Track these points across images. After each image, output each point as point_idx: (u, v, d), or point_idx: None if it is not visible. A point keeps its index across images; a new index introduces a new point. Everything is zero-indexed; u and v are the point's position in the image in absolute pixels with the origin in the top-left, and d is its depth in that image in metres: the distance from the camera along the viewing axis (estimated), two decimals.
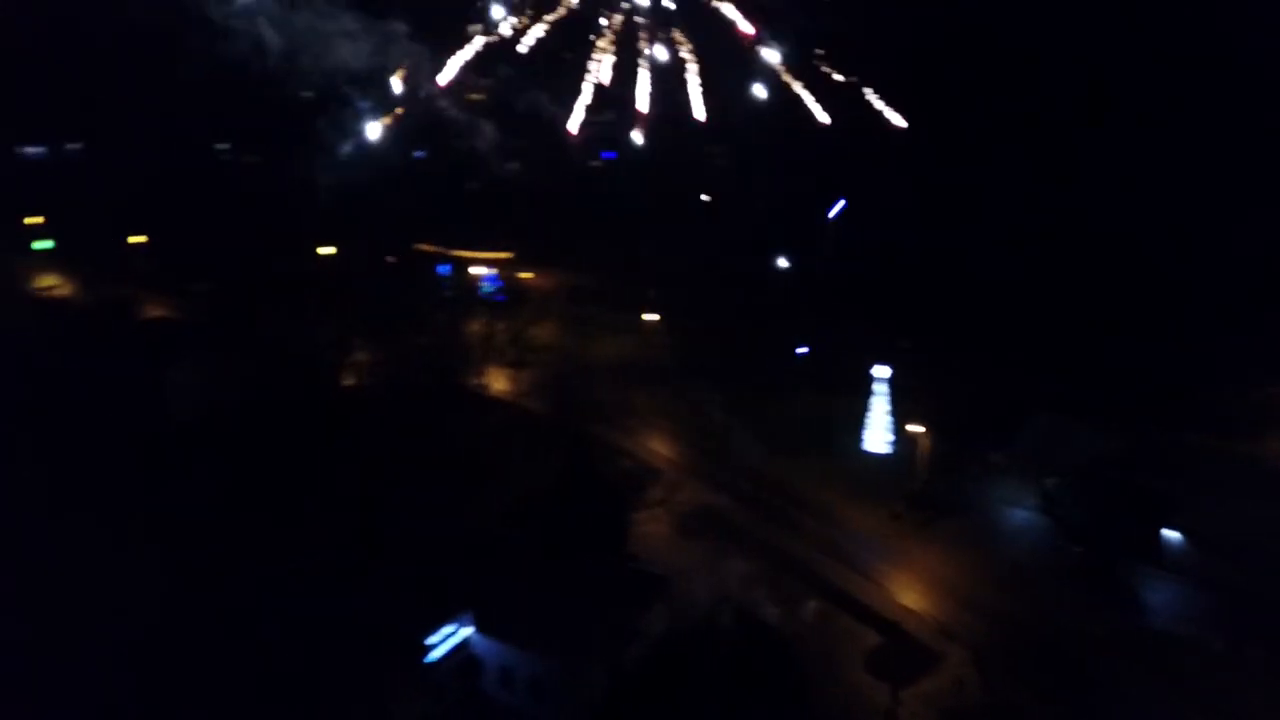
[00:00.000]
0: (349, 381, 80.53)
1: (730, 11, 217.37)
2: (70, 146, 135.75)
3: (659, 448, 75.39)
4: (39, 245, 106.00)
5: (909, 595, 58.13)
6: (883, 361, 72.69)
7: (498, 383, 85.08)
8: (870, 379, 72.76)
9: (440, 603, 49.37)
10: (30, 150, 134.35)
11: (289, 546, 53.77)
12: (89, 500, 56.92)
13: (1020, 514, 66.98)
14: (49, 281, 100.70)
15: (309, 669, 45.57)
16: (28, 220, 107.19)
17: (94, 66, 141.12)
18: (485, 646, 49.03)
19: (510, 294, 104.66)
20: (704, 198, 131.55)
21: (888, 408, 72.44)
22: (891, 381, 72.25)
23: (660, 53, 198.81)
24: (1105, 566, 60.72)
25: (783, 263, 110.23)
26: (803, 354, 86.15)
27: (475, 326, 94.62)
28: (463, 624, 49.14)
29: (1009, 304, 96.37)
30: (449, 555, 52.65)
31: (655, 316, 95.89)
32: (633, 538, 60.59)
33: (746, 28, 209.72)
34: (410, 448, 65.45)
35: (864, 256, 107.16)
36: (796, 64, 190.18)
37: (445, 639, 48.42)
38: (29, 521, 54.39)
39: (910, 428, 70.51)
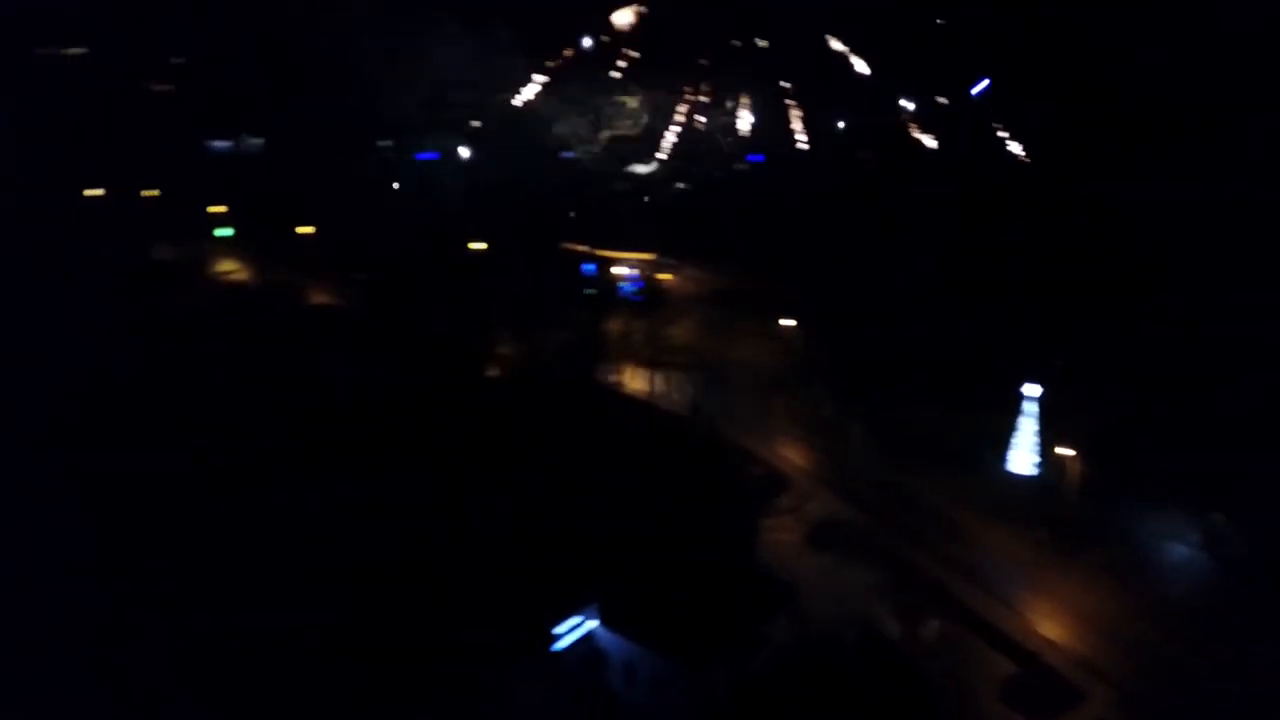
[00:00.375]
0: (492, 373, 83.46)
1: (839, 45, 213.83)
2: (251, 141, 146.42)
3: (790, 455, 74.51)
4: (220, 232, 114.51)
5: (1050, 626, 55.19)
6: (1031, 377, 69.35)
7: (633, 381, 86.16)
8: (1018, 395, 69.58)
9: (569, 594, 50.49)
10: (217, 144, 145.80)
11: (426, 532, 56.18)
12: (245, 472, 61.21)
13: (1180, 549, 62.29)
14: (228, 266, 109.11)
15: (438, 649, 47.39)
16: (211, 209, 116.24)
17: (274, 70, 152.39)
18: (610, 640, 49.85)
19: (650, 294, 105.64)
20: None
21: (1036, 427, 69.08)
22: (1041, 400, 68.86)
23: (760, 76, 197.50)
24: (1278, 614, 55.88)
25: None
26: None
27: (614, 325, 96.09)
28: (589, 616, 50.12)
29: (1178, 318, 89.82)
30: (580, 547, 53.75)
31: (793, 321, 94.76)
32: (761, 544, 60.24)
33: (860, 64, 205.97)
34: (546, 440, 67.21)
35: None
36: (921, 107, 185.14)
37: (572, 629, 49.52)
38: (187, 495, 58.98)
39: (1060, 450, 66.94)
